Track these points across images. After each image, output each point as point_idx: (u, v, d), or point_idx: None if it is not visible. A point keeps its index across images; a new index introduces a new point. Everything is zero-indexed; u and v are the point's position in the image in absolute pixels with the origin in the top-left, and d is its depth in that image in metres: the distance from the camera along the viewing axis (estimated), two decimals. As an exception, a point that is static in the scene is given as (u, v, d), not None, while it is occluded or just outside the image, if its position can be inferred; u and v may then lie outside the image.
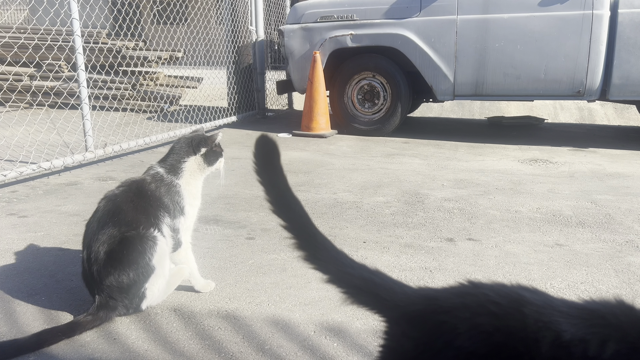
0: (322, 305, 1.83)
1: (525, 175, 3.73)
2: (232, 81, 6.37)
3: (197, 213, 1.88)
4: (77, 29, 3.68)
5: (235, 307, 1.81)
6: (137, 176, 1.84)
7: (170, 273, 1.79)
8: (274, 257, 2.25)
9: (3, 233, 2.52)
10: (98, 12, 4.88)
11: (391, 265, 2.17)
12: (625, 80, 4.49)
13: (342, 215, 2.82)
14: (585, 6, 4.45)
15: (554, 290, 1.95)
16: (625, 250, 2.35)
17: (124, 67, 6.76)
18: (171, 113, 6.73)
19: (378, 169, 3.92)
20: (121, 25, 5.57)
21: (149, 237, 1.67)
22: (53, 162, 3.54)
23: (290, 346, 1.58)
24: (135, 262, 1.65)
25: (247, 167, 3.94)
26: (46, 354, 1.53)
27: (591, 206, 3.00)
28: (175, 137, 4.93)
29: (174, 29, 6.60)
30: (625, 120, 7.60)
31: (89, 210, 2.85)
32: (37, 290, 1.93)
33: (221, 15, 6.72)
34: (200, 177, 1.86)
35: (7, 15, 15.17)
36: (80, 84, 3.76)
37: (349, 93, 5.30)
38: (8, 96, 6.32)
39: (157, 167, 1.82)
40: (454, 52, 4.81)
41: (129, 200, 1.72)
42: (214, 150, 1.86)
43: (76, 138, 4.74)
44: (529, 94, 4.79)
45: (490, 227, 2.64)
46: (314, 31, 5.23)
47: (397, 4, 4.93)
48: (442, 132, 5.70)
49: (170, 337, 1.63)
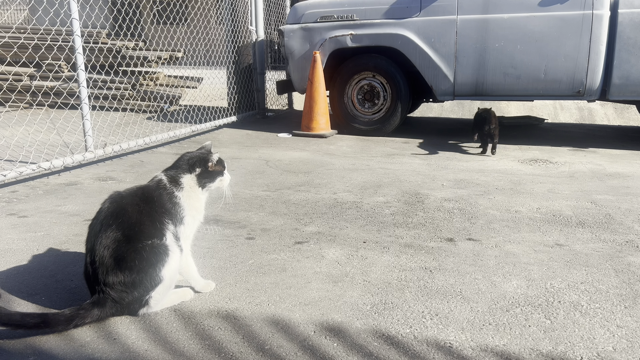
0: (322, 305, 1.83)
1: (525, 175, 3.73)
2: (232, 81, 6.37)
3: (198, 225, 1.88)
4: (77, 29, 3.68)
5: (235, 307, 1.81)
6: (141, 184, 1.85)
7: (174, 290, 1.81)
8: (274, 257, 2.25)
9: (3, 233, 2.52)
10: (98, 12, 4.88)
11: (391, 265, 2.17)
12: (625, 80, 4.49)
13: (342, 215, 2.82)
14: (585, 6, 4.45)
15: (554, 290, 1.95)
16: (625, 250, 2.35)
17: (124, 67, 6.76)
18: (171, 113, 6.73)
19: (378, 169, 3.92)
20: (121, 25, 5.57)
21: (161, 248, 1.68)
22: (53, 162, 3.54)
23: (290, 346, 1.58)
24: (145, 271, 1.65)
25: (247, 167, 3.94)
26: (46, 353, 1.53)
27: (591, 206, 3.00)
28: (175, 137, 4.93)
29: (174, 29, 6.61)
30: (625, 120, 7.60)
31: (89, 210, 2.85)
32: (37, 290, 1.93)
33: (221, 15, 6.72)
34: (199, 193, 1.86)
35: (7, 15, 15.18)
36: (80, 84, 3.75)
37: (349, 93, 5.31)
38: (8, 96, 6.32)
39: (161, 176, 1.83)
40: (454, 52, 4.81)
41: (134, 203, 1.71)
42: (209, 171, 1.86)
43: (76, 138, 4.74)
44: (529, 94, 4.79)
45: (490, 227, 2.64)
46: (314, 31, 5.23)
47: (397, 4, 4.93)
48: (442, 132, 5.70)
49: (170, 337, 1.63)
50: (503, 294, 1.91)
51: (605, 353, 1.54)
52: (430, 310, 1.80)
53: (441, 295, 1.91)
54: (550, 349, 1.56)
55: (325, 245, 2.39)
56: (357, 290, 1.94)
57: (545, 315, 1.76)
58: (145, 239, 1.67)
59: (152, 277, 1.66)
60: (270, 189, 3.36)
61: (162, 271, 1.68)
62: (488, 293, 1.92)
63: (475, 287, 1.97)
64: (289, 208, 2.95)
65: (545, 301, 1.86)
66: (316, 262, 2.20)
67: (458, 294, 1.91)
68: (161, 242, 1.69)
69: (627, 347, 1.57)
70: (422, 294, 1.92)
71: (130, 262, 1.63)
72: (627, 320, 1.73)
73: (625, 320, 1.73)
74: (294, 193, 3.25)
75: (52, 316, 1.60)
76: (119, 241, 1.64)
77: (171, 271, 1.71)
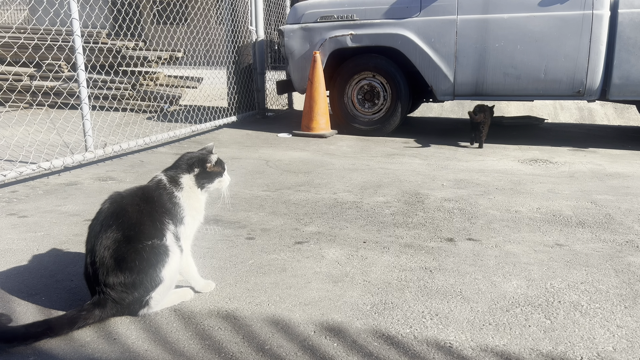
0: (322, 305, 1.83)
1: (525, 175, 3.73)
2: (232, 81, 6.37)
3: (198, 225, 1.88)
4: (77, 29, 3.68)
5: (235, 307, 1.81)
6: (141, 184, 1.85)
7: (174, 290, 1.81)
8: (274, 257, 2.25)
9: (3, 233, 2.52)
10: (98, 12, 4.88)
11: (391, 265, 2.17)
12: (625, 80, 4.49)
13: (342, 215, 2.82)
14: (585, 6, 4.45)
15: (554, 290, 1.95)
16: (625, 250, 2.35)
17: (124, 67, 6.76)
18: (171, 113, 6.73)
19: (378, 169, 3.92)
20: (121, 25, 5.57)
21: (162, 248, 1.68)
22: (53, 162, 3.54)
23: (290, 346, 1.58)
24: (145, 271, 1.65)
25: (247, 167, 3.94)
26: (46, 353, 1.53)
27: (591, 206, 3.00)
28: (175, 137, 4.93)
29: (174, 29, 6.61)
30: (625, 120, 7.60)
31: (89, 210, 2.85)
32: (37, 290, 1.93)
33: (221, 15, 6.72)
34: (199, 193, 1.86)
35: (7, 15, 15.18)
36: (80, 84, 3.75)
37: (349, 93, 5.31)
38: (8, 96, 6.33)
39: (161, 176, 1.82)
40: (454, 52, 4.81)
41: (134, 204, 1.71)
42: (208, 171, 1.86)
43: (76, 138, 4.74)
44: (529, 94, 4.79)
45: (490, 227, 2.64)
46: (314, 31, 5.23)
47: (397, 4, 4.93)
48: (442, 132, 5.70)
49: (170, 337, 1.63)
50: (503, 294, 1.91)
51: (605, 353, 1.54)
52: (430, 310, 1.80)
53: (441, 295, 1.91)
54: (550, 349, 1.56)
55: (325, 245, 2.39)
56: (357, 290, 1.94)
57: (545, 315, 1.76)
58: (146, 240, 1.67)
59: (152, 277, 1.66)
60: (270, 189, 3.36)
61: (163, 271, 1.68)
62: (488, 293, 1.92)
63: (475, 287, 1.97)
64: (289, 208, 2.95)
65: (545, 301, 1.86)
66: (316, 262, 2.20)
67: (458, 294, 1.91)
68: (161, 242, 1.69)
69: (627, 347, 1.57)
70: (422, 294, 1.92)
71: (130, 262, 1.63)
72: (627, 320, 1.73)
73: (625, 320, 1.73)
74: (294, 193, 3.25)
75: (55, 321, 1.60)
76: (119, 242, 1.64)
77: (171, 271, 1.71)
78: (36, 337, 1.56)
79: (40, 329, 1.56)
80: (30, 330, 1.55)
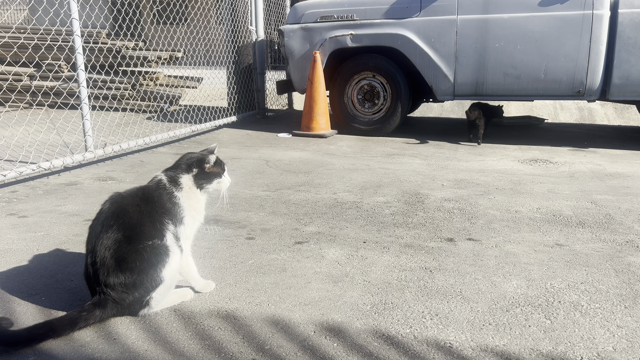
0: (322, 305, 1.83)
1: (525, 175, 3.73)
2: (232, 81, 6.37)
3: (198, 225, 1.88)
4: (77, 29, 3.68)
5: (235, 307, 1.81)
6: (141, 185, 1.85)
7: (174, 290, 1.81)
8: (274, 257, 2.25)
9: (3, 233, 2.52)
10: (98, 12, 4.88)
11: (391, 265, 2.17)
12: (625, 80, 4.49)
13: (342, 215, 2.82)
14: (585, 6, 4.45)
15: (554, 290, 1.95)
16: (625, 250, 2.35)
17: (123, 67, 6.76)
18: (171, 113, 6.73)
19: (378, 169, 3.92)
20: (121, 25, 5.58)
21: (162, 249, 1.68)
22: (53, 162, 3.54)
23: (290, 346, 1.58)
24: (146, 272, 1.65)
25: (247, 167, 3.94)
26: (46, 353, 1.53)
27: (591, 206, 3.00)
28: (175, 137, 4.93)
29: (174, 29, 6.61)
30: (625, 120, 7.60)
31: (88, 210, 2.85)
32: (37, 290, 1.93)
33: (221, 15, 6.72)
34: (198, 193, 1.85)
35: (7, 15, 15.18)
36: (80, 84, 3.75)
37: (349, 93, 5.31)
38: (8, 96, 6.33)
39: (161, 176, 1.82)
40: (454, 52, 4.81)
41: (134, 204, 1.71)
42: (206, 172, 1.85)
43: (76, 138, 4.74)
44: (529, 94, 4.79)
45: (490, 227, 2.64)
46: (314, 31, 5.23)
47: (397, 4, 4.93)
48: (442, 132, 5.70)
49: (170, 337, 1.63)
50: (503, 294, 1.91)
51: (605, 353, 1.54)
52: (430, 310, 1.80)
53: (441, 295, 1.91)
54: (550, 349, 1.56)
55: (325, 245, 2.39)
56: (357, 290, 1.94)
57: (545, 315, 1.76)
58: (146, 240, 1.67)
59: (152, 277, 1.66)
60: (270, 189, 3.36)
61: (163, 272, 1.68)
62: (488, 293, 1.92)
63: (475, 287, 1.97)
64: (289, 208, 2.95)
65: (545, 301, 1.86)
66: (316, 262, 2.20)
67: (458, 294, 1.91)
68: (162, 242, 1.69)
69: (627, 347, 1.57)
70: (422, 294, 1.92)
71: (131, 263, 1.63)
72: (627, 320, 1.73)
73: (625, 320, 1.73)
74: (294, 193, 3.25)
75: (56, 322, 1.60)
76: (119, 242, 1.64)
77: (172, 272, 1.71)
78: (39, 339, 1.56)
79: (43, 330, 1.57)
80: (33, 333, 1.56)
